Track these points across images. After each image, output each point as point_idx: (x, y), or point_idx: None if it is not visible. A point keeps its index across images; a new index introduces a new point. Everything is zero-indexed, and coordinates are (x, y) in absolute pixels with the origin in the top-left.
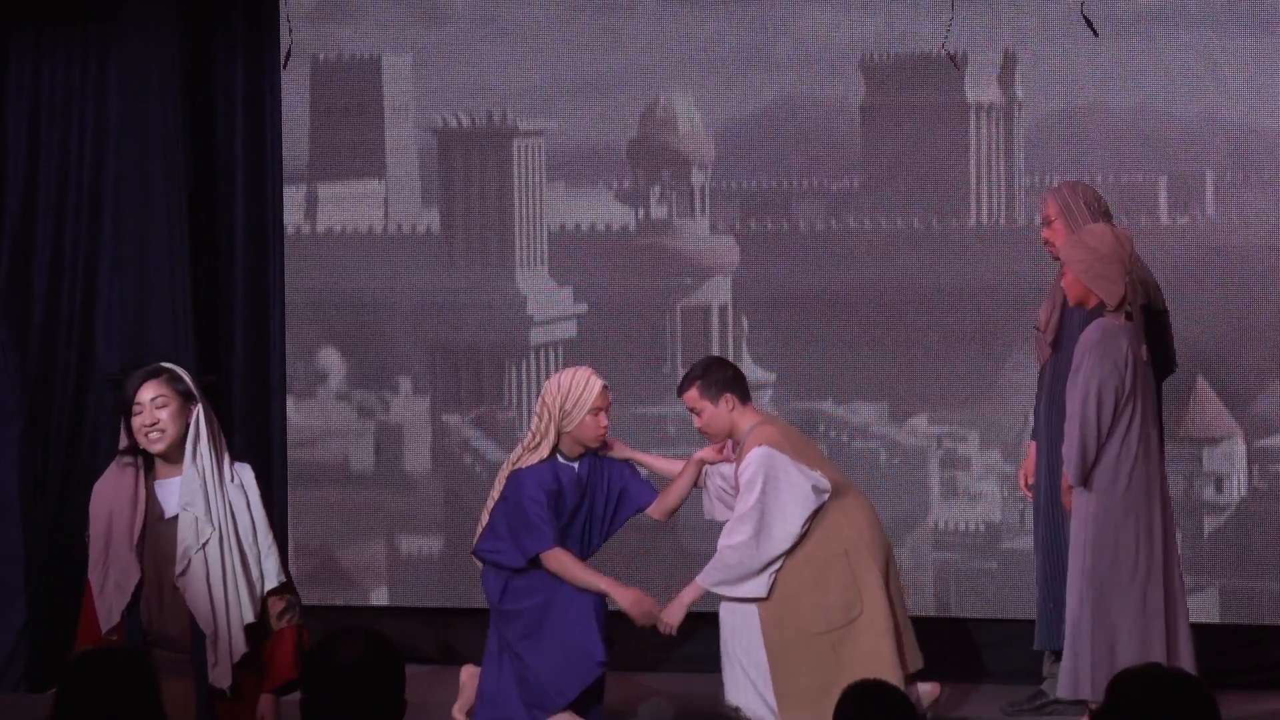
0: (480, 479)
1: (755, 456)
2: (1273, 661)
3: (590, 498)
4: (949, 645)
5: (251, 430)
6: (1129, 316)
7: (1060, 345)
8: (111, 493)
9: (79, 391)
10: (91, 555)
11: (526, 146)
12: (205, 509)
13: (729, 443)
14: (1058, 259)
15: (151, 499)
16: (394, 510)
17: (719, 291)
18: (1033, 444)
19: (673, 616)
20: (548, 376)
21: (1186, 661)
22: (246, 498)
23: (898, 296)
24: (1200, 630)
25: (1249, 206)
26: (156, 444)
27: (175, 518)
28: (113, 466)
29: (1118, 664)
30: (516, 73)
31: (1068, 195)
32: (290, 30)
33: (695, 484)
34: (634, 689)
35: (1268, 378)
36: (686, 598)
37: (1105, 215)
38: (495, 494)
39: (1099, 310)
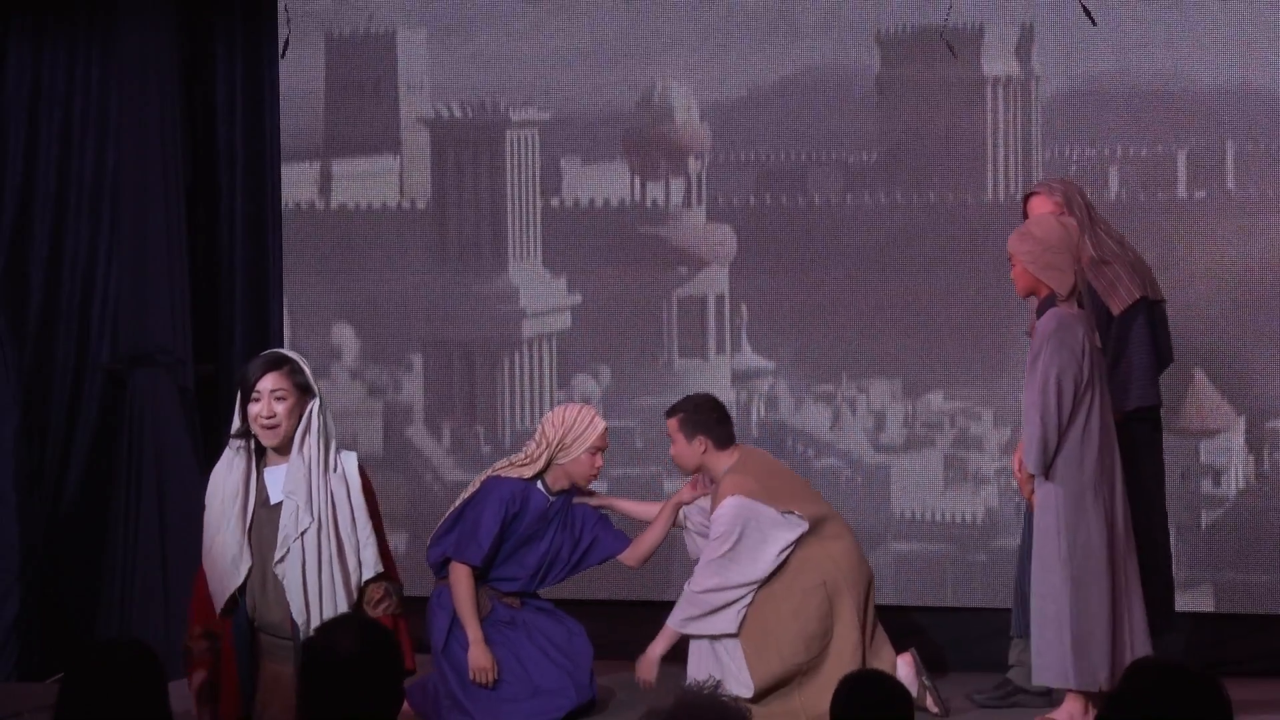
0: (466, 473)
1: (730, 508)
2: (1271, 650)
3: (555, 536)
4: (954, 635)
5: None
6: (1081, 304)
7: None
8: (224, 477)
9: (76, 384)
10: (205, 538)
11: (520, 137)
12: (307, 498)
13: (703, 479)
14: None
15: (260, 484)
16: (389, 499)
17: (716, 281)
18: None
19: (648, 673)
20: (540, 370)
21: (1143, 648)
22: (347, 486)
23: (912, 271)
24: (1198, 620)
25: (1270, 179)
26: (270, 438)
27: (279, 504)
28: (227, 451)
29: (1095, 650)
30: (510, 62)
31: (1072, 194)
32: (288, 20)
33: (673, 525)
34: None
35: None
36: (659, 649)
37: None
38: (468, 493)
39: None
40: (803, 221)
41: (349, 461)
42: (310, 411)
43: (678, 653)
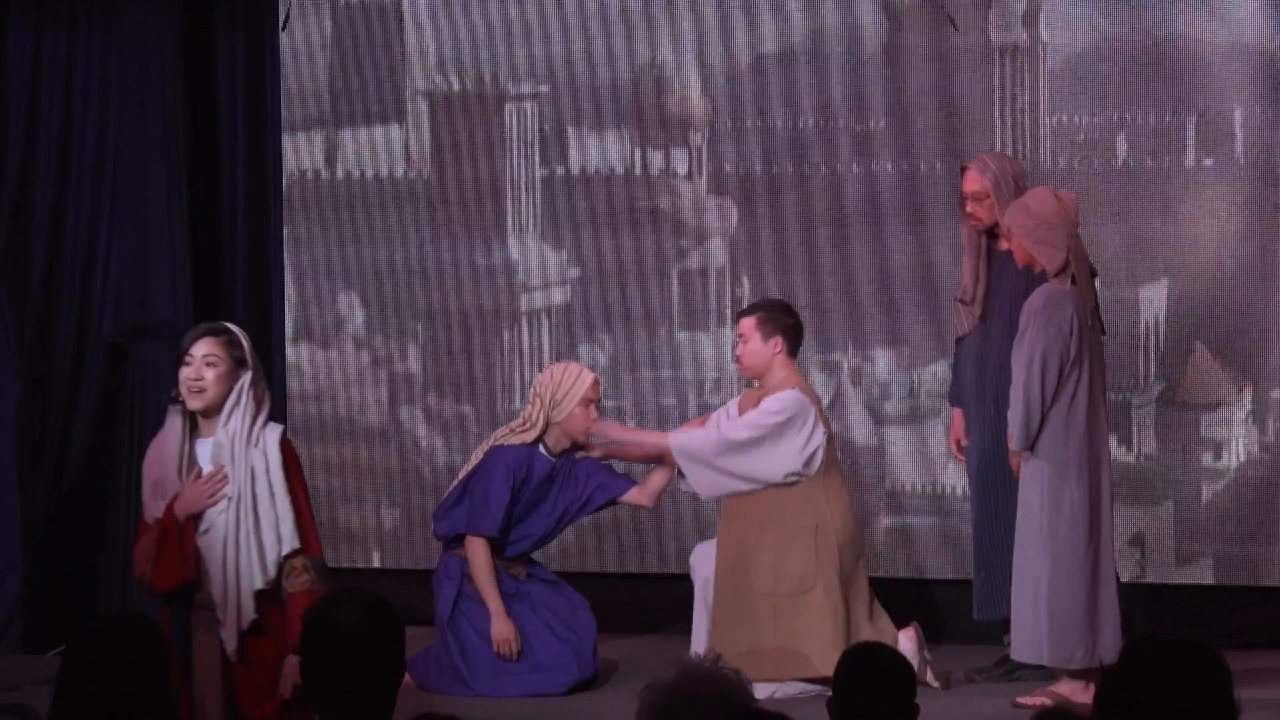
0: (465, 448)
1: (792, 395)
2: (1272, 622)
3: (560, 496)
4: (944, 606)
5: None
6: (1074, 281)
7: (989, 317)
8: (161, 446)
9: (78, 357)
10: (145, 510)
11: (519, 110)
12: (231, 472)
13: (706, 418)
14: (984, 233)
15: (192, 457)
16: (391, 472)
17: (717, 253)
18: (957, 410)
19: (610, 431)
20: (539, 343)
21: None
22: (267, 461)
23: (919, 240)
24: (1196, 593)
25: (1279, 147)
26: (194, 400)
27: None
28: (167, 422)
29: (1073, 628)
30: (511, 31)
31: (996, 171)
32: None
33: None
34: (634, 649)
35: None
36: (644, 436)
37: (1020, 179)
38: (471, 465)
39: (1036, 275)
40: (808, 189)
41: (271, 436)
42: (241, 385)
43: (679, 626)
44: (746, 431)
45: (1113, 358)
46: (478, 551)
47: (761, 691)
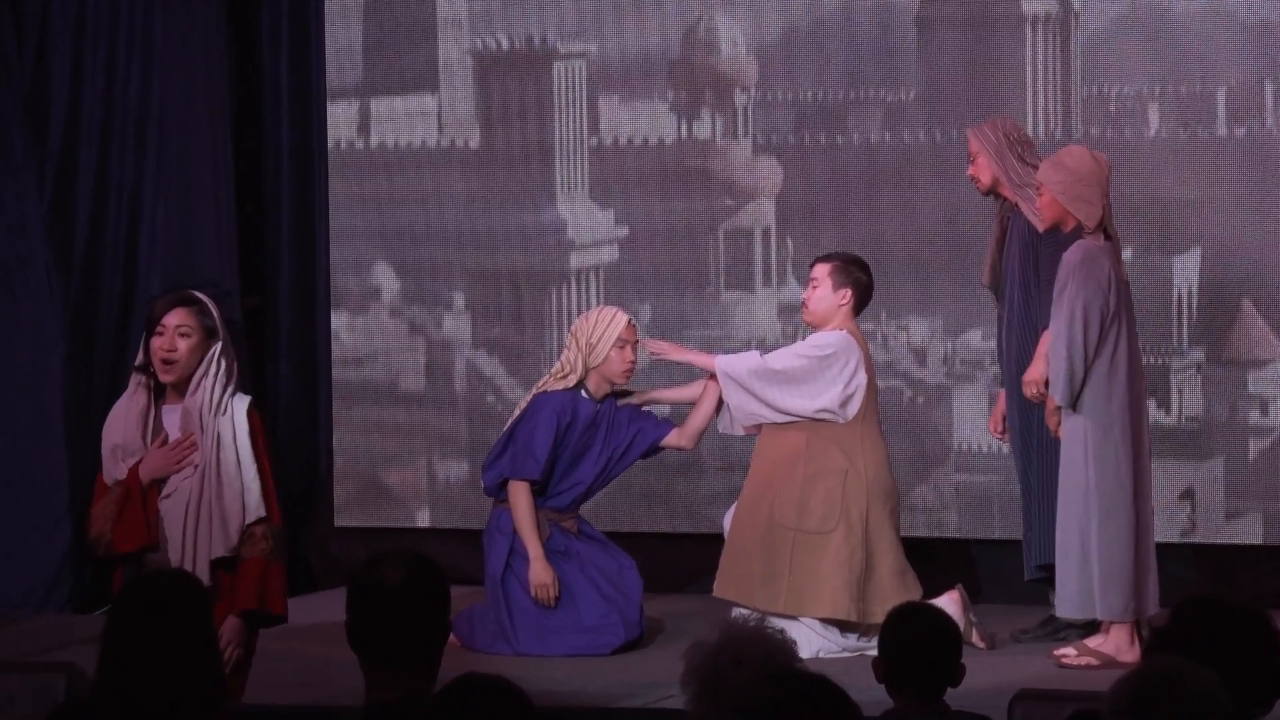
0: (512, 406)
1: (839, 334)
2: None
3: (604, 441)
4: (988, 567)
5: (297, 352)
6: (1108, 236)
7: (1001, 291)
8: (124, 411)
9: (123, 315)
10: (105, 474)
11: (568, 69)
12: (199, 440)
13: None
14: (987, 195)
15: (158, 422)
16: (439, 432)
17: (762, 213)
18: (1002, 392)
19: (662, 346)
20: (588, 302)
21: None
22: (234, 429)
23: (951, 210)
24: (1243, 552)
25: None
26: (168, 373)
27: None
28: (129, 387)
29: (1123, 582)
30: None
31: (987, 130)
32: None
33: (720, 401)
34: (680, 608)
35: None
36: (694, 356)
37: (1026, 145)
38: (516, 415)
39: (1045, 243)
40: (842, 159)
41: (239, 405)
42: (212, 354)
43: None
44: (787, 360)
45: (1147, 325)
46: (519, 496)
47: (805, 650)
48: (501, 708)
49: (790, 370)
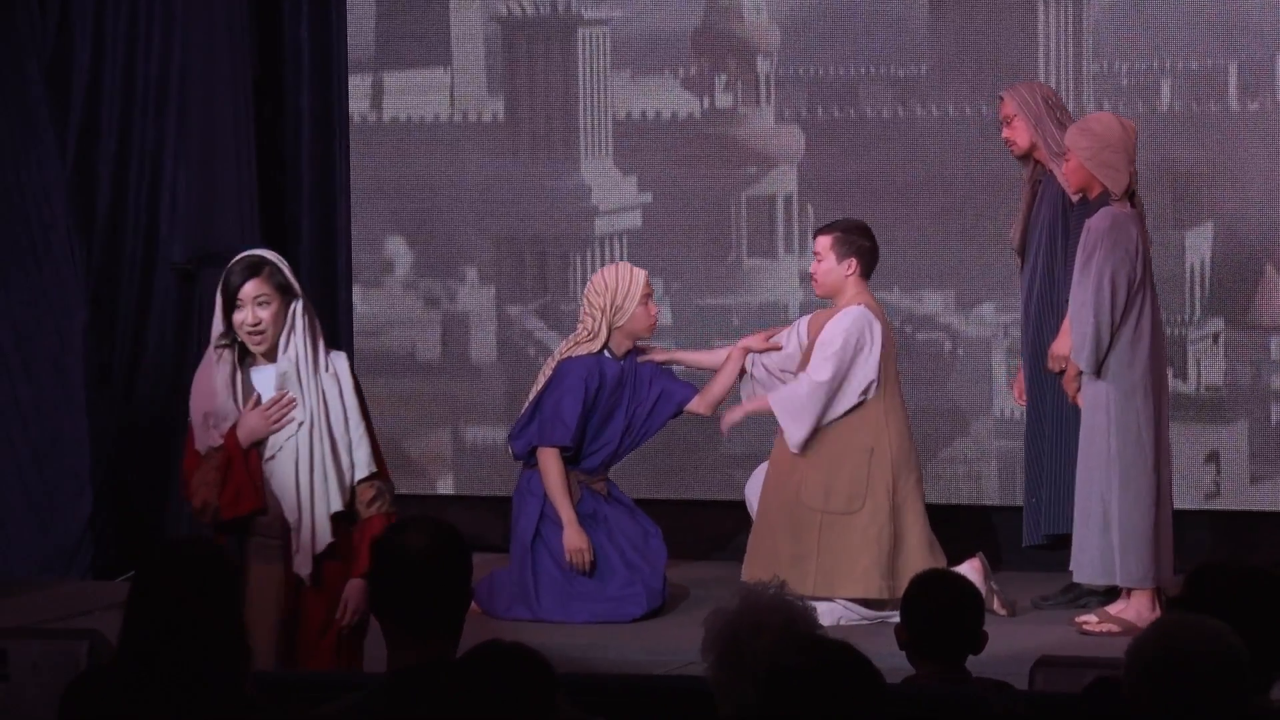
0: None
1: (851, 315)
2: None
3: (630, 398)
4: (1008, 533)
5: (317, 320)
6: (1134, 204)
7: (1027, 254)
8: (208, 381)
9: (144, 281)
10: (198, 443)
11: (591, 35)
12: (298, 397)
13: (775, 332)
14: (1022, 159)
15: (247, 385)
16: (460, 400)
17: (784, 181)
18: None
19: (732, 416)
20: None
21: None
22: (339, 385)
23: (966, 184)
24: (1265, 519)
25: None
26: (259, 344)
27: None
28: (208, 354)
29: (1144, 547)
30: None
31: (1024, 93)
32: None
33: (740, 372)
34: (703, 574)
35: None
36: (750, 406)
37: (1062, 110)
38: (540, 383)
39: (1075, 211)
40: (854, 134)
41: (340, 361)
42: (294, 312)
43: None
44: (827, 368)
45: (1161, 297)
46: (550, 463)
47: (826, 618)
48: (523, 674)
49: (837, 370)
